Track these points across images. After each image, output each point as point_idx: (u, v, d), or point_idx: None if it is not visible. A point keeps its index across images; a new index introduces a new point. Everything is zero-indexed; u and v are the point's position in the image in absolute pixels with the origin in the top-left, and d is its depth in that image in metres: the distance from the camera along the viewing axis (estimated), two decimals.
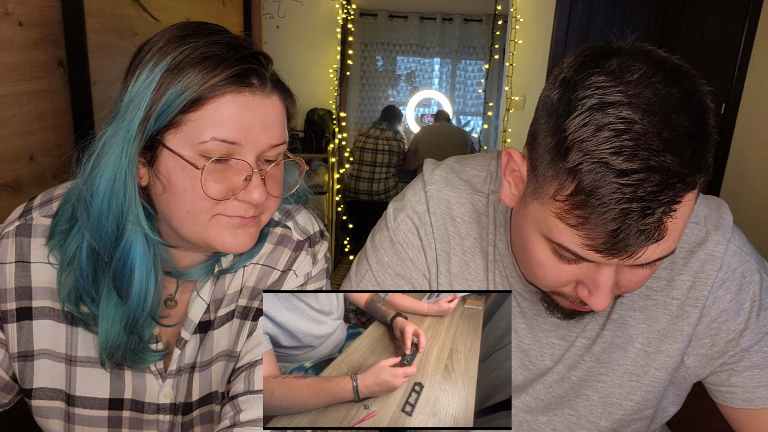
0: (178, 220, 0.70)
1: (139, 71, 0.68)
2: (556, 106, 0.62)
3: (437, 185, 0.86)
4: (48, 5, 1.48)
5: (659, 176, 0.56)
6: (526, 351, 0.84)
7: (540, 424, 0.86)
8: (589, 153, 0.57)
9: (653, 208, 0.56)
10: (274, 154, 0.72)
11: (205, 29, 0.70)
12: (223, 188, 0.69)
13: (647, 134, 0.56)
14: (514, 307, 0.83)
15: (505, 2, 3.75)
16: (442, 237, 0.85)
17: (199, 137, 0.67)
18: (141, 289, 0.72)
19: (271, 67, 0.72)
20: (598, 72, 0.60)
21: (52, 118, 1.52)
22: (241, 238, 0.72)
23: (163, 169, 0.69)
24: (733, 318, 0.79)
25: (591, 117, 0.58)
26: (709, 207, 0.81)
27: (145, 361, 0.77)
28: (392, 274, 0.88)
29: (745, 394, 0.80)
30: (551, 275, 0.68)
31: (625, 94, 0.58)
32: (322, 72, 3.84)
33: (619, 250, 0.59)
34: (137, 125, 0.67)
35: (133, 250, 0.70)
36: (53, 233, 0.75)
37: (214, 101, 0.67)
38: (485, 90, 4.54)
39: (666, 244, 0.60)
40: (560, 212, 0.61)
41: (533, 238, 0.67)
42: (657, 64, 0.60)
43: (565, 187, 0.60)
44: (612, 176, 0.56)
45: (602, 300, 0.65)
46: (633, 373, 0.81)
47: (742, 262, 0.79)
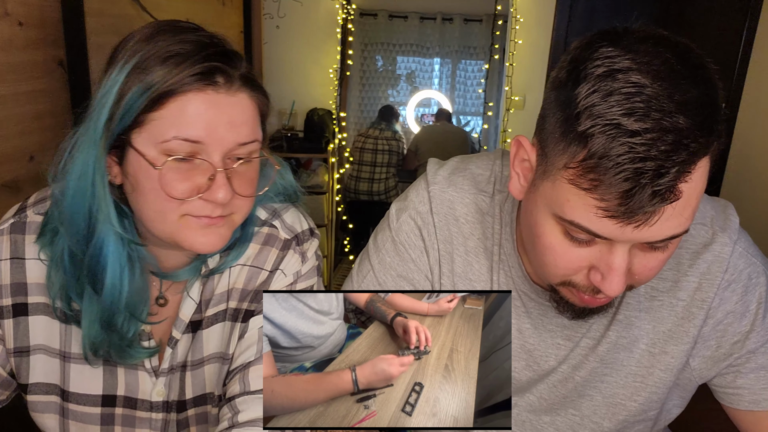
0: (148, 219, 0.71)
1: (110, 70, 0.68)
2: (564, 83, 0.62)
3: (440, 185, 0.86)
4: (48, 5, 1.48)
5: (672, 136, 0.55)
6: (531, 351, 0.84)
7: (543, 424, 0.85)
8: (600, 116, 0.57)
9: (667, 167, 0.55)
10: (245, 153, 0.71)
11: (176, 28, 0.70)
12: (188, 188, 0.68)
13: (658, 96, 0.56)
14: (520, 308, 0.83)
15: (505, 2, 3.75)
16: (445, 237, 0.85)
17: (162, 136, 0.66)
18: (114, 286, 0.72)
19: (242, 65, 0.71)
20: (606, 44, 0.60)
21: (51, 118, 1.52)
22: (210, 237, 0.71)
23: (131, 169, 0.69)
24: (739, 320, 0.78)
25: (601, 83, 0.58)
26: (716, 208, 0.81)
27: (133, 358, 0.78)
28: (394, 274, 0.87)
29: (751, 396, 0.79)
30: (563, 261, 0.67)
31: (634, 62, 0.58)
32: (322, 72, 3.83)
33: (634, 211, 0.57)
34: (103, 124, 0.67)
35: (105, 248, 0.71)
36: (44, 231, 0.75)
37: (176, 99, 0.66)
38: (485, 90, 4.54)
39: (680, 218, 0.59)
40: (573, 178, 0.60)
41: (544, 221, 0.66)
42: (664, 39, 0.61)
43: (577, 153, 0.59)
44: (625, 137, 0.55)
45: (616, 284, 0.64)
46: (637, 374, 0.81)
47: (748, 264, 0.78)
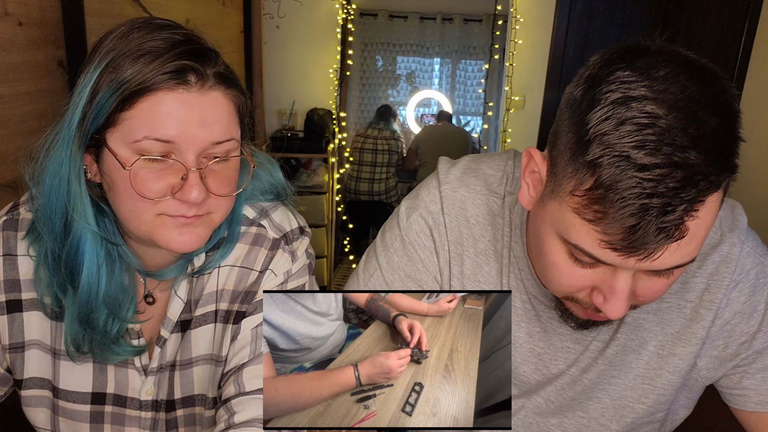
0: (124, 218, 0.71)
1: (86, 69, 0.68)
2: (579, 102, 0.61)
3: (452, 185, 0.84)
4: (48, 5, 1.48)
5: (682, 173, 0.53)
6: (541, 355, 0.83)
7: (550, 426, 0.85)
8: (611, 146, 0.55)
9: (674, 205, 0.54)
10: (220, 151, 0.70)
11: (150, 25, 0.69)
12: (161, 187, 0.68)
13: (672, 129, 0.54)
14: (530, 311, 0.82)
15: (505, 2, 3.75)
16: (456, 239, 0.83)
17: (134, 136, 0.66)
18: (90, 284, 0.72)
19: (217, 63, 0.70)
20: (623, 67, 0.58)
21: (52, 118, 1.52)
22: (186, 237, 0.71)
23: (106, 168, 0.69)
24: (747, 320, 0.78)
25: (614, 111, 0.56)
26: (724, 209, 0.80)
27: (118, 356, 0.78)
28: (402, 275, 0.86)
29: (758, 397, 0.79)
30: (566, 279, 0.66)
31: (650, 89, 0.56)
32: (322, 72, 3.83)
33: (637, 247, 0.56)
34: (76, 124, 0.67)
35: (82, 245, 0.71)
36: (32, 228, 0.76)
37: (146, 99, 0.65)
38: (485, 90, 4.54)
39: (686, 249, 0.58)
40: (578, 207, 0.59)
41: (549, 239, 0.66)
42: (686, 63, 0.59)
43: (585, 181, 0.58)
44: (633, 170, 0.54)
45: (618, 307, 0.63)
46: (646, 376, 0.80)
47: (756, 264, 0.78)
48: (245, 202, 0.82)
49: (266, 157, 0.85)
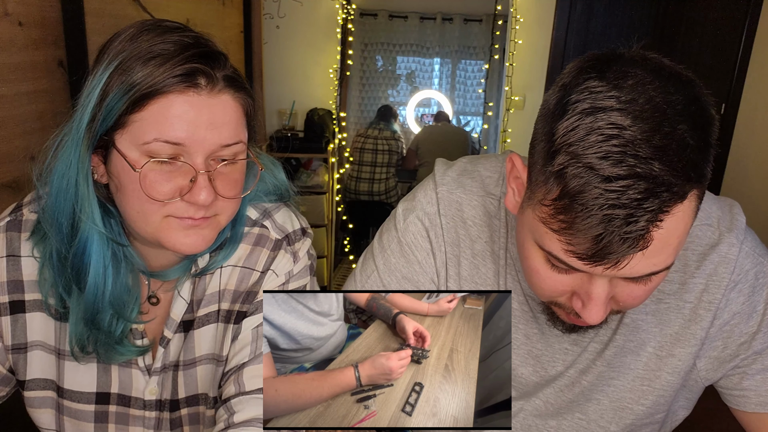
0: (131, 219, 0.71)
1: (95, 70, 0.68)
2: (552, 111, 0.61)
3: (449, 186, 0.84)
4: (48, 5, 1.48)
5: (645, 184, 0.54)
6: (539, 357, 0.83)
7: (549, 428, 0.85)
8: (576, 156, 0.56)
9: (637, 216, 0.54)
10: (229, 154, 0.71)
11: (160, 27, 0.69)
12: (170, 189, 0.68)
13: (636, 141, 0.54)
14: (527, 312, 0.82)
15: (505, 2, 3.75)
16: (453, 240, 0.84)
17: (144, 138, 0.66)
18: (97, 285, 0.72)
19: (226, 66, 0.71)
20: (594, 77, 0.59)
21: (52, 118, 1.52)
22: (193, 238, 0.71)
23: (114, 170, 0.69)
24: (746, 321, 0.78)
25: (581, 121, 0.56)
26: (722, 209, 0.80)
27: (122, 356, 0.78)
28: (399, 276, 0.86)
29: (758, 398, 0.79)
30: (546, 284, 0.67)
31: (617, 100, 0.56)
32: (322, 72, 3.83)
33: (602, 257, 0.57)
34: (85, 125, 0.67)
35: (89, 247, 0.71)
36: (36, 229, 0.76)
37: (157, 101, 0.66)
38: (485, 90, 4.54)
39: (658, 258, 0.58)
40: (545, 217, 0.60)
41: (528, 245, 0.66)
42: (656, 71, 0.59)
43: (551, 191, 0.59)
44: (597, 181, 0.55)
45: (595, 313, 0.63)
46: (645, 378, 0.80)
47: (755, 264, 0.78)
48: (248, 203, 0.83)
49: (270, 159, 0.85)
